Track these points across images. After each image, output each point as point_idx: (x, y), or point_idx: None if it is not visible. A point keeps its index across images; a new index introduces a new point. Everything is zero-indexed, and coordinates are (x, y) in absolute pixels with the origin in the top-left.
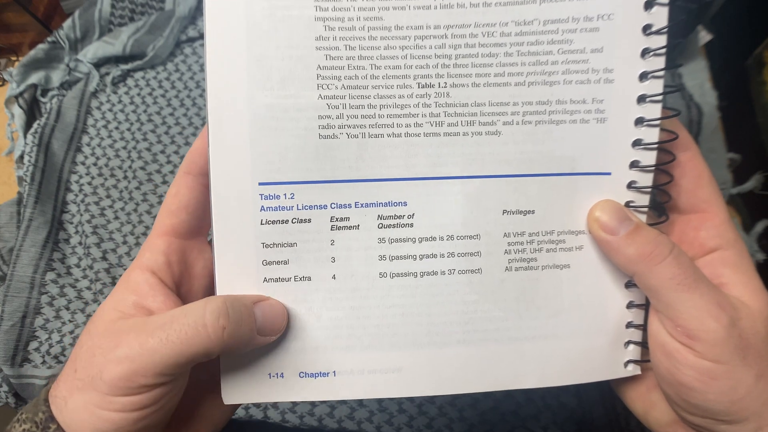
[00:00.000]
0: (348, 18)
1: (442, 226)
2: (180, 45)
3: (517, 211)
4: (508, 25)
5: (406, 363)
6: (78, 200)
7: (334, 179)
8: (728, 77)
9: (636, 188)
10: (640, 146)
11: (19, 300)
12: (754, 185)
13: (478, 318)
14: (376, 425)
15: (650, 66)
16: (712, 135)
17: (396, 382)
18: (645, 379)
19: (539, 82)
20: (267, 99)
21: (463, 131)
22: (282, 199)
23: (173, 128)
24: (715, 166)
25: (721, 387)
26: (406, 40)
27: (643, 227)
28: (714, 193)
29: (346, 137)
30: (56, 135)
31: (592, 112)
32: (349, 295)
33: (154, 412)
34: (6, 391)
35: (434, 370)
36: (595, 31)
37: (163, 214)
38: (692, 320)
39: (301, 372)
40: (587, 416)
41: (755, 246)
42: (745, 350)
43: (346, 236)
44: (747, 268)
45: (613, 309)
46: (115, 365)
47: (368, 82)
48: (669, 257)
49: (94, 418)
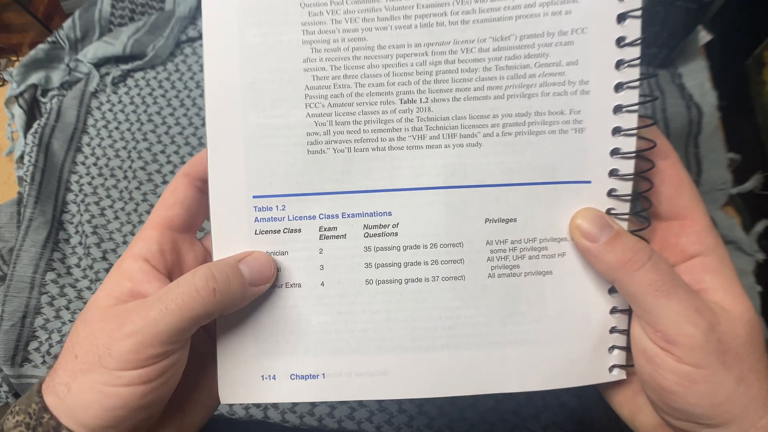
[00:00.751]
0: (333, 40)
1: (425, 234)
2: (180, 45)
3: (499, 219)
4: (486, 41)
5: (392, 366)
6: (78, 200)
7: (322, 191)
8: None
9: (616, 196)
10: (618, 155)
11: (19, 300)
12: (754, 185)
13: (462, 323)
14: (376, 425)
15: (625, 77)
16: (712, 135)
17: (382, 384)
18: (631, 383)
19: (518, 95)
20: (259, 119)
21: (444, 143)
22: (274, 210)
23: (173, 128)
24: (715, 166)
25: (702, 391)
26: (388, 59)
27: (623, 234)
28: (694, 200)
29: (332, 152)
30: (56, 135)
31: (570, 123)
32: (337, 300)
33: (160, 385)
34: (6, 391)
35: (419, 373)
36: (570, 44)
37: (160, 208)
38: (671, 325)
39: (292, 374)
40: (587, 416)
41: (755, 246)
42: (724, 354)
43: (333, 245)
44: (728, 274)
45: (597, 314)
46: (123, 340)
47: (353, 99)
48: (648, 264)
49: (101, 395)
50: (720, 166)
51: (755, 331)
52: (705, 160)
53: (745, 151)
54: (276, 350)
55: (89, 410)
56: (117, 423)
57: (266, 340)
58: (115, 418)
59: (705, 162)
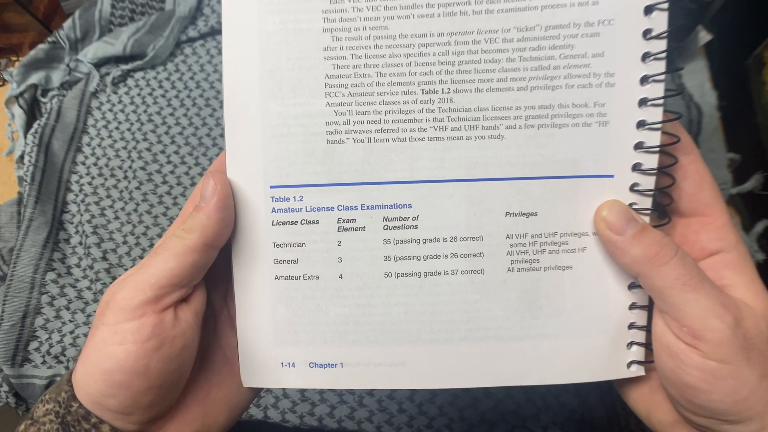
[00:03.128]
0: (354, 28)
1: (445, 227)
2: (180, 45)
3: (519, 213)
4: (510, 32)
5: (410, 358)
6: (78, 200)
7: (341, 182)
8: (728, 77)
9: (638, 191)
10: (642, 149)
11: (20, 300)
12: (753, 185)
13: (481, 317)
14: (376, 425)
15: (651, 70)
16: (712, 135)
17: (399, 374)
18: (648, 380)
19: (541, 87)
20: (278, 108)
21: (466, 135)
22: (291, 201)
23: (173, 128)
24: (715, 166)
25: (726, 387)
26: (410, 48)
27: (648, 229)
28: (715, 197)
29: (352, 142)
30: (56, 135)
31: (594, 116)
32: (356, 293)
33: (154, 350)
34: (6, 391)
35: (436, 364)
36: (596, 36)
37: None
38: (697, 320)
39: (311, 362)
40: (587, 416)
41: (755, 246)
42: (749, 350)
43: (352, 237)
44: (749, 270)
45: (616, 310)
46: (120, 290)
47: (374, 89)
48: (675, 258)
49: (101, 356)
50: (720, 166)
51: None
52: (705, 160)
53: (745, 151)
54: (294, 340)
55: (92, 375)
56: (116, 390)
57: (285, 330)
58: (113, 384)
59: (705, 162)
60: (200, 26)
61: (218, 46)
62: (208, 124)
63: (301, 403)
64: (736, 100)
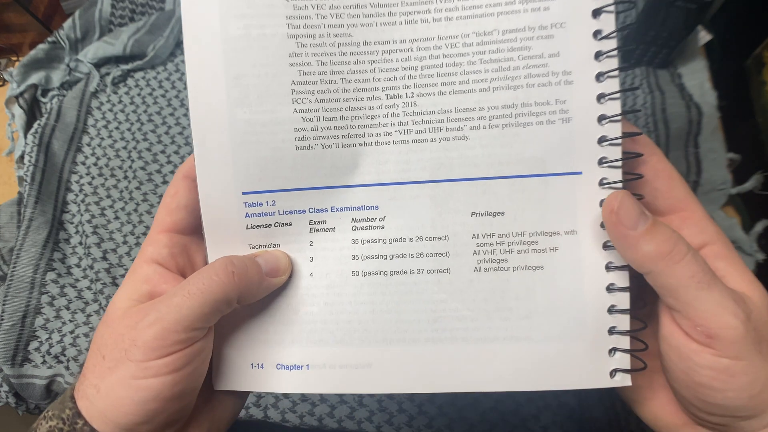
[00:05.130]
0: (319, 35)
1: (411, 227)
2: (180, 45)
3: (486, 213)
4: (469, 36)
5: (376, 359)
6: (78, 200)
7: (312, 186)
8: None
9: (607, 184)
10: (606, 142)
11: (20, 300)
12: (753, 185)
13: (447, 317)
14: (376, 425)
15: (605, 67)
16: (712, 135)
17: (366, 377)
18: (650, 383)
19: (503, 87)
20: (246, 115)
21: (431, 137)
22: (264, 206)
23: (173, 128)
24: (715, 166)
25: (741, 383)
26: (374, 55)
27: (659, 224)
28: (687, 192)
29: (320, 148)
30: (56, 135)
31: (556, 113)
32: (324, 291)
33: (188, 375)
34: (6, 391)
35: (403, 367)
36: (551, 38)
37: (163, 213)
38: (713, 318)
39: (278, 364)
40: (587, 416)
41: (755, 246)
42: (760, 343)
43: (323, 238)
44: (737, 260)
45: (593, 313)
46: (147, 329)
47: (339, 95)
48: (688, 255)
49: (132, 390)
50: (720, 166)
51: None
52: (705, 160)
53: (745, 151)
54: (265, 339)
55: (121, 407)
56: (150, 417)
57: (257, 328)
58: (148, 412)
59: (705, 162)
60: None
61: None
62: None
63: (301, 403)
64: (736, 100)
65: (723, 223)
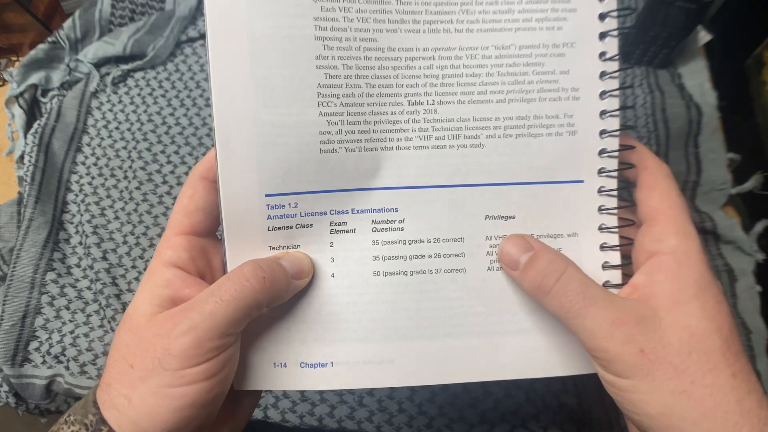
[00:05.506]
0: (345, 38)
1: (429, 229)
2: (180, 45)
3: (498, 217)
4: (488, 49)
5: (398, 354)
6: (78, 200)
7: (334, 189)
8: (728, 77)
9: (604, 192)
10: (605, 154)
11: (20, 300)
12: (753, 185)
13: (463, 313)
14: (376, 425)
15: (607, 86)
16: (712, 135)
17: (389, 372)
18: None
19: (518, 99)
20: (271, 117)
21: (449, 144)
22: (287, 208)
23: (173, 128)
24: (715, 166)
25: (632, 400)
26: (397, 61)
27: (537, 257)
28: (665, 201)
29: (344, 151)
30: (56, 135)
31: (564, 126)
32: (346, 291)
33: (222, 380)
34: (6, 391)
35: (423, 361)
36: (562, 56)
37: (180, 214)
38: (587, 342)
39: (302, 362)
40: (587, 416)
41: (755, 246)
42: (650, 365)
43: (343, 239)
44: (683, 275)
45: None
46: (182, 338)
47: (363, 100)
48: (555, 287)
49: (168, 398)
50: (720, 166)
51: (696, 340)
52: (705, 160)
53: (745, 151)
54: (287, 338)
55: (156, 416)
56: (186, 423)
57: (279, 328)
58: (184, 419)
59: (705, 162)
60: (200, 26)
61: None
62: (209, 124)
63: (301, 403)
64: (736, 100)
65: (723, 223)
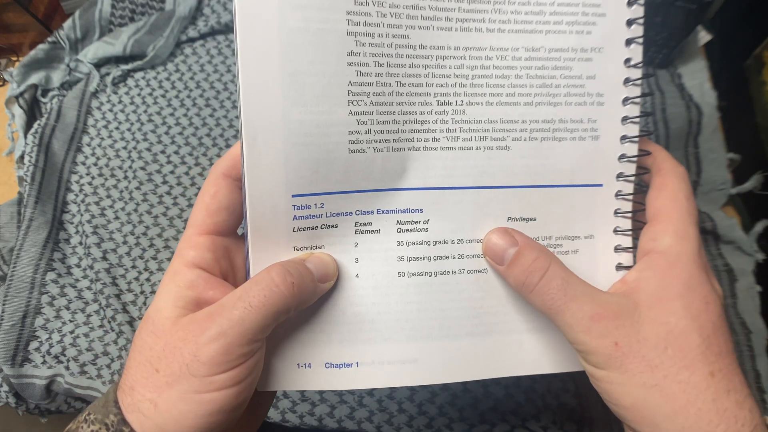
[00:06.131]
0: (377, 34)
1: (453, 230)
2: (180, 45)
3: (520, 218)
4: (518, 50)
5: (422, 354)
6: (78, 200)
7: (360, 189)
8: (728, 77)
9: (622, 196)
10: (624, 159)
11: (20, 300)
12: (753, 185)
13: (485, 313)
14: (376, 425)
15: (630, 93)
16: (712, 135)
17: (413, 371)
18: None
19: (545, 103)
20: (301, 115)
21: (476, 146)
22: (313, 208)
23: (173, 128)
24: (714, 166)
25: (607, 390)
26: (428, 59)
27: (521, 253)
28: (668, 203)
29: (372, 151)
30: (57, 135)
31: (588, 131)
32: (371, 292)
33: (249, 384)
34: (6, 391)
35: (446, 360)
36: (590, 60)
37: (203, 213)
38: (568, 335)
39: (327, 363)
40: (587, 416)
41: (755, 246)
42: (623, 358)
43: (368, 239)
44: (669, 276)
45: None
46: (211, 344)
47: (393, 99)
48: (538, 284)
49: (195, 404)
50: (720, 166)
51: (675, 337)
52: (705, 160)
53: (744, 151)
54: (311, 339)
55: (184, 422)
56: (212, 428)
57: (303, 329)
58: (211, 425)
59: (705, 162)
60: (200, 26)
61: (218, 47)
62: (208, 124)
63: (301, 403)
64: (736, 100)
65: (723, 223)
